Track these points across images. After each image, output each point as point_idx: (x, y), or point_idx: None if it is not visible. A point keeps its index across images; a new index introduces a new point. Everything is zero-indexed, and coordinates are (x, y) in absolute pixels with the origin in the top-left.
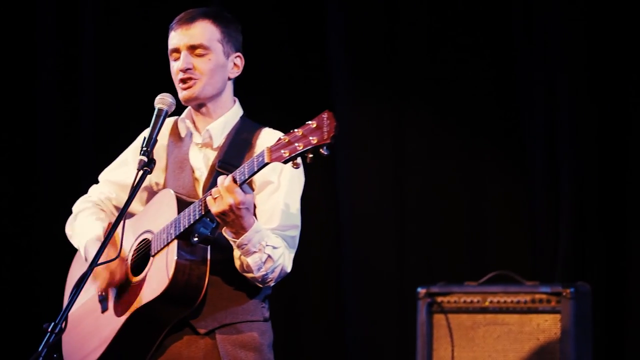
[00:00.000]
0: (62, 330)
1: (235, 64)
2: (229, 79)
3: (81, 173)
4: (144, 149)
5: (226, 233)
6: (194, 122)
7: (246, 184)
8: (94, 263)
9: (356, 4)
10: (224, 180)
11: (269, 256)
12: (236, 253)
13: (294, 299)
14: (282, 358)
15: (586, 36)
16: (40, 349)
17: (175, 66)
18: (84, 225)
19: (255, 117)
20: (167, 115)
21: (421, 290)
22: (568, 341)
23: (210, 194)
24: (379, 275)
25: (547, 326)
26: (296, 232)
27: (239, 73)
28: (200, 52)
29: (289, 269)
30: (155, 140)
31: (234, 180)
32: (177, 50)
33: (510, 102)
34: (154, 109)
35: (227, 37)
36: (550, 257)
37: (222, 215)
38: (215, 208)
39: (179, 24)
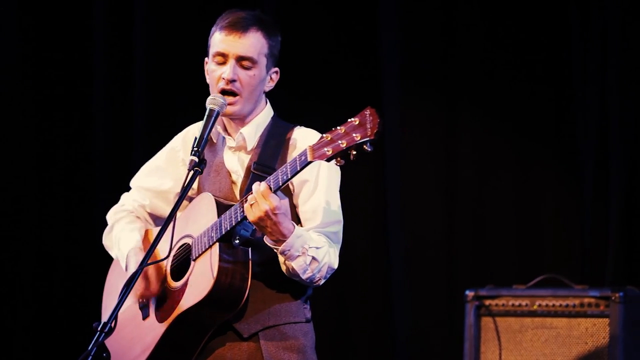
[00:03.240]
0: (111, 330)
1: (271, 78)
2: (264, 91)
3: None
4: (195, 149)
5: (267, 241)
6: (224, 127)
7: (281, 191)
8: (144, 263)
9: (410, 7)
10: (258, 187)
11: (313, 258)
12: (281, 258)
13: (342, 300)
14: (331, 357)
15: None
16: (90, 347)
17: (218, 71)
18: (122, 236)
19: (305, 120)
20: (218, 116)
21: (469, 293)
22: (616, 346)
23: (247, 200)
24: (428, 277)
25: (595, 330)
26: (338, 227)
27: (272, 87)
28: (247, 64)
29: (335, 265)
30: (207, 141)
31: (269, 186)
32: (223, 55)
33: (562, 107)
34: (205, 108)
35: (272, 51)
36: (599, 261)
37: (260, 221)
38: (252, 215)
39: (230, 29)
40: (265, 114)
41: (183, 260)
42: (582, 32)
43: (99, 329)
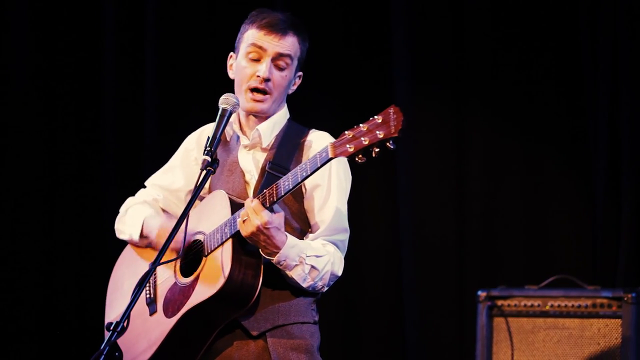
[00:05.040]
0: (124, 329)
1: (296, 81)
2: (287, 94)
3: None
4: (208, 149)
5: (263, 254)
6: (240, 125)
7: (288, 197)
8: (156, 264)
9: (421, 8)
10: (251, 203)
11: (312, 266)
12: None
13: (353, 301)
14: (341, 358)
15: None
16: (102, 347)
17: (250, 68)
18: (138, 211)
19: (316, 122)
20: (231, 115)
21: (481, 294)
22: (629, 346)
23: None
24: (439, 278)
25: (607, 331)
26: (345, 236)
27: (295, 90)
28: (283, 64)
29: (339, 272)
30: (219, 140)
31: (261, 202)
32: (261, 49)
33: (573, 107)
34: (218, 106)
35: (302, 56)
36: (611, 262)
37: (253, 236)
38: (244, 230)
39: (269, 29)
40: (282, 114)
41: (193, 257)
42: (592, 34)
43: (111, 328)
